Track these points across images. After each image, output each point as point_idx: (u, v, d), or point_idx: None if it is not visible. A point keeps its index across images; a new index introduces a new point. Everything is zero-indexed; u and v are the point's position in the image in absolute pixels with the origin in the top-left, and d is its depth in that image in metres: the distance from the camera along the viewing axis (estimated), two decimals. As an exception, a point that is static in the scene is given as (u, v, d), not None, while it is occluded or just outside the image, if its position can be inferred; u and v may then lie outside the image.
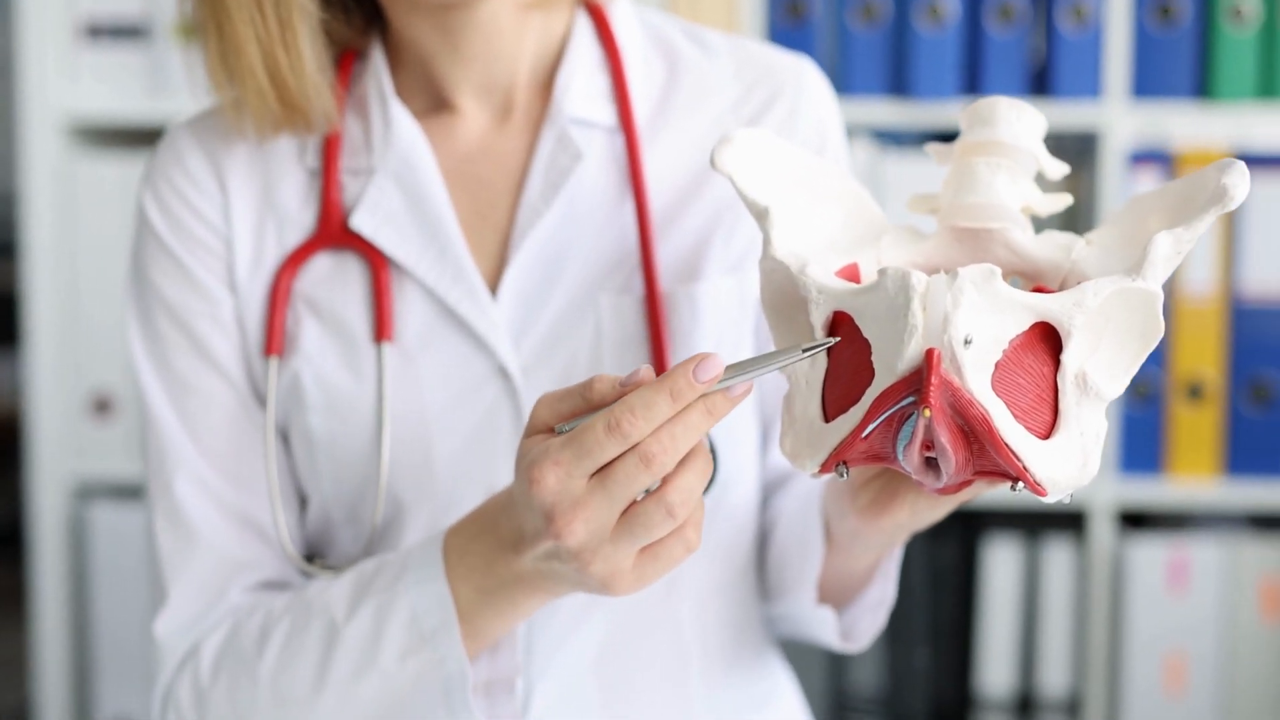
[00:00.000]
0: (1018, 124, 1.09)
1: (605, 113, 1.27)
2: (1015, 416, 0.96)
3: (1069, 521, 2.29)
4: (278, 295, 1.24)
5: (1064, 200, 1.12)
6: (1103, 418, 1.00)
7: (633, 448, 0.97)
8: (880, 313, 0.96)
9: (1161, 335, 1.00)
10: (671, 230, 1.26)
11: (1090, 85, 2.12)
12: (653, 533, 1.00)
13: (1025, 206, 1.09)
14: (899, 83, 2.16)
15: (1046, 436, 0.98)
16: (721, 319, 1.26)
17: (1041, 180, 1.13)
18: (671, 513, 0.99)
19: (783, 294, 1.05)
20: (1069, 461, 0.98)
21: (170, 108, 2.31)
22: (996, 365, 0.96)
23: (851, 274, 1.07)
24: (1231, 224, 2.11)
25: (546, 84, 1.27)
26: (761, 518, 1.34)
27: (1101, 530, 2.20)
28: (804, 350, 0.98)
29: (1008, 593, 2.23)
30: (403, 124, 1.25)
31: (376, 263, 1.24)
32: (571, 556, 1.01)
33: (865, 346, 0.98)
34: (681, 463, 0.99)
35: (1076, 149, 2.22)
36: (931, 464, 0.97)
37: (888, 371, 0.96)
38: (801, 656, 2.21)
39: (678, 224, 1.26)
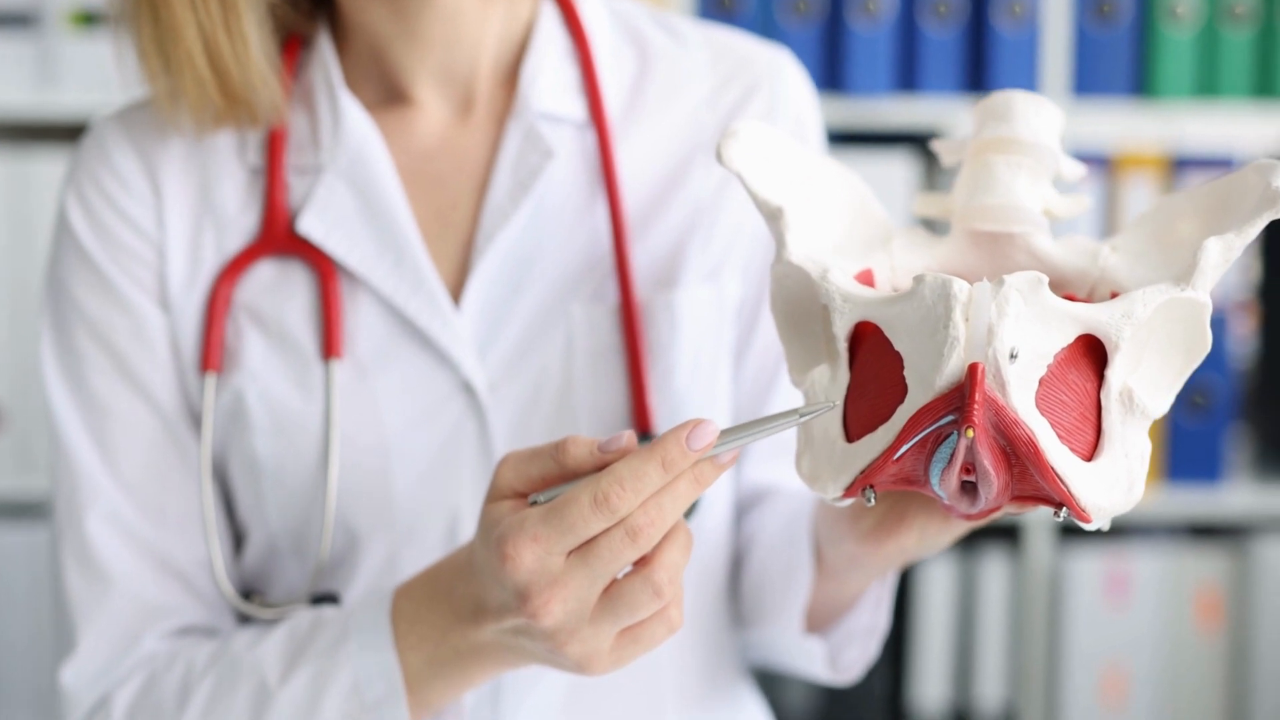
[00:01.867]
0: (1036, 120, 1.02)
1: (575, 106, 1.17)
2: (1060, 437, 0.88)
3: (1006, 534, 2.24)
4: (215, 306, 1.14)
5: (1084, 203, 1.04)
6: (1146, 438, 0.92)
7: (619, 521, 0.88)
8: (915, 323, 0.88)
9: (1209, 349, 0.93)
10: (646, 233, 1.17)
11: (1027, 84, 2.07)
12: (637, 613, 0.91)
13: (1046, 209, 1.01)
14: (832, 79, 2.10)
15: (1089, 458, 0.90)
16: (700, 329, 1.17)
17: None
18: (659, 592, 0.90)
19: (797, 301, 0.96)
20: (1114, 486, 0.90)
21: (62, 101, 2.19)
22: (1040, 381, 0.88)
23: (866, 279, 0.99)
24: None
25: (511, 75, 1.18)
26: (735, 538, 1.26)
27: (1039, 542, 2.15)
28: (801, 415, 0.89)
29: (944, 605, 2.18)
30: (354, 117, 1.15)
31: (326, 270, 1.13)
32: (546, 637, 0.92)
33: (895, 360, 0.90)
34: (665, 536, 0.90)
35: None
36: (967, 488, 0.89)
37: (924, 387, 0.87)
38: (731, 675, 2.13)
39: (653, 226, 1.18)
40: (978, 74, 2.10)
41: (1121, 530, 2.19)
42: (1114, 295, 0.96)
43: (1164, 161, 2.08)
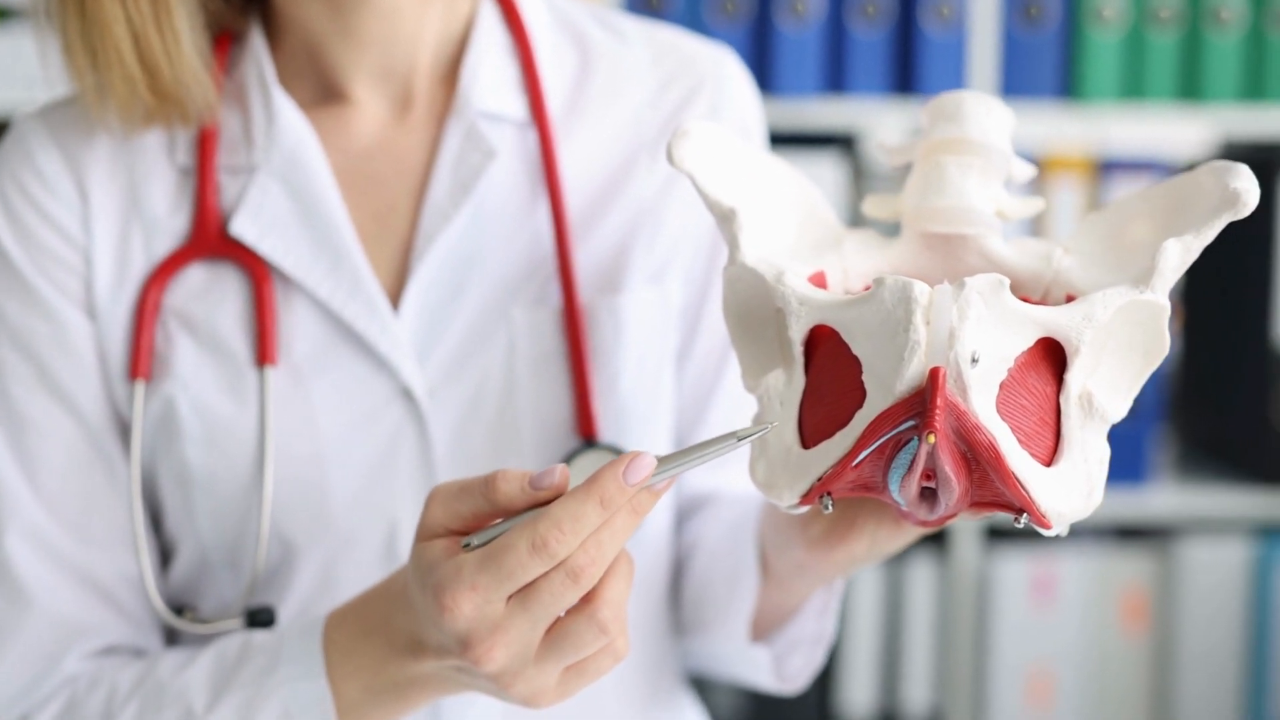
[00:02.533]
0: (987, 120, 1.00)
1: (515, 105, 1.15)
2: (1020, 442, 0.87)
3: (932, 537, 2.23)
4: (144, 311, 1.10)
5: (1037, 204, 1.03)
6: (1105, 442, 0.91)
7: (558, 564, 0.85)
8: (874, 327, 0.86)
9: (1167, 352, 0.92)
10: (589, 235, 1.15)
11: (955, 85, 2.06)
12: (582, 651, 0.89)
13: (998, 211, 1.00)
14: (760, 80, 2.09)
15: (1049, 463, 0.89)
16: (645, 334, 1.15)
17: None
18: (604, 630, 0.88)
19: (749, 305, 0.95)
20: (1074, 491, 0.89)
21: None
22: (1001, 385, 0.87)
23: (818, 282, 0.97)
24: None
25: (450, 73, 1.15)
26: (676, 545, 1.24)
27: (965, 546, 2.15)
28: (739, 438, 0.87)
29: (871, 609, 2.17)
30: (288, 116, 1.12)
31: (259, 274, 1.10)
32: (490, 679, 0.90)
33: (853, 364, 0.88)
34: (607, 570, 0.88)
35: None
36: (926, 495, 0.88)
37: (883, 392, 0.86)
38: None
39: (596, 228, 1.15)
40: (906, 76, 2.10)
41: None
42: (1069, 298, 0.95)
43: (1090, 164, 2.08)
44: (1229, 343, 2.21)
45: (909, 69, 2.09)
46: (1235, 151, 2.16)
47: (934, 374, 0.84)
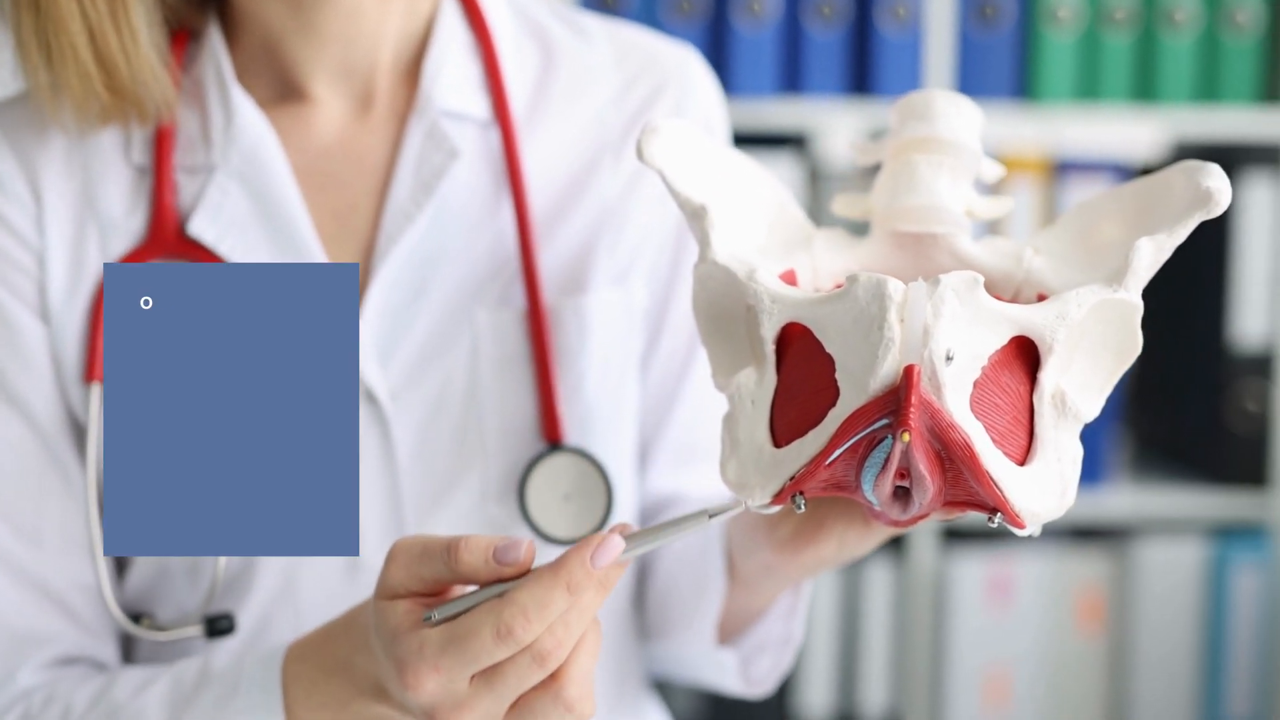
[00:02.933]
0: (957, 119, 1.00)
1: (478, 104, 1.14)
2: (994, 441, 0.86)
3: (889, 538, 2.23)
4: (99, 313, 1.08)
5: (1007, 204, 1.03)
6: (1078, 441, 0.91)
7: (524, 648, 0.84)
8: (848, 324, 0.86)
9: (1139, 351, 0.91)
10: (553, 236, 1.14)
11: (911, 86, 2.06)
12: None
13: (967, 210, 0.99)
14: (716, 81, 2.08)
15: (1022, 462, 0.88)
16: (609, 335, 1.14)
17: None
18: (570, 708, 0.87)
19: (720, 303, 0.93)
20: (1048, 491, 0.89)
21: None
22: (974, 384, 0.86)
23: (789, 280, 0.96)
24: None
25: (411, 72, 1.14)
26: (641, 549, 1.23)
27: (922, 547, 2.14)
28: (711, 515, 0.87)
29: (828, 610, 2.16)
30: (246, 114, 1.10)
31: None
32: None
33: (826, 362, 0.87)
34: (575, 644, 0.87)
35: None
36: (899, 494, 0.87)
37: (857, 390, 0.85)
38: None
39: (559, 229, 1.14)
40: (861, 76, 2.09)
41: (1004, 534, 2.19)
42: (1041, 297, 0.94)
43: (1045, 164, 2.08)
44: (1185, 343, 2.22)
45: (865, 69, 2.09)
46: (1189, 152, 2.16)
47: (908, 371, 0.83)
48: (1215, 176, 0.90)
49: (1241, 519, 2.16)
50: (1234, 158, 2.09)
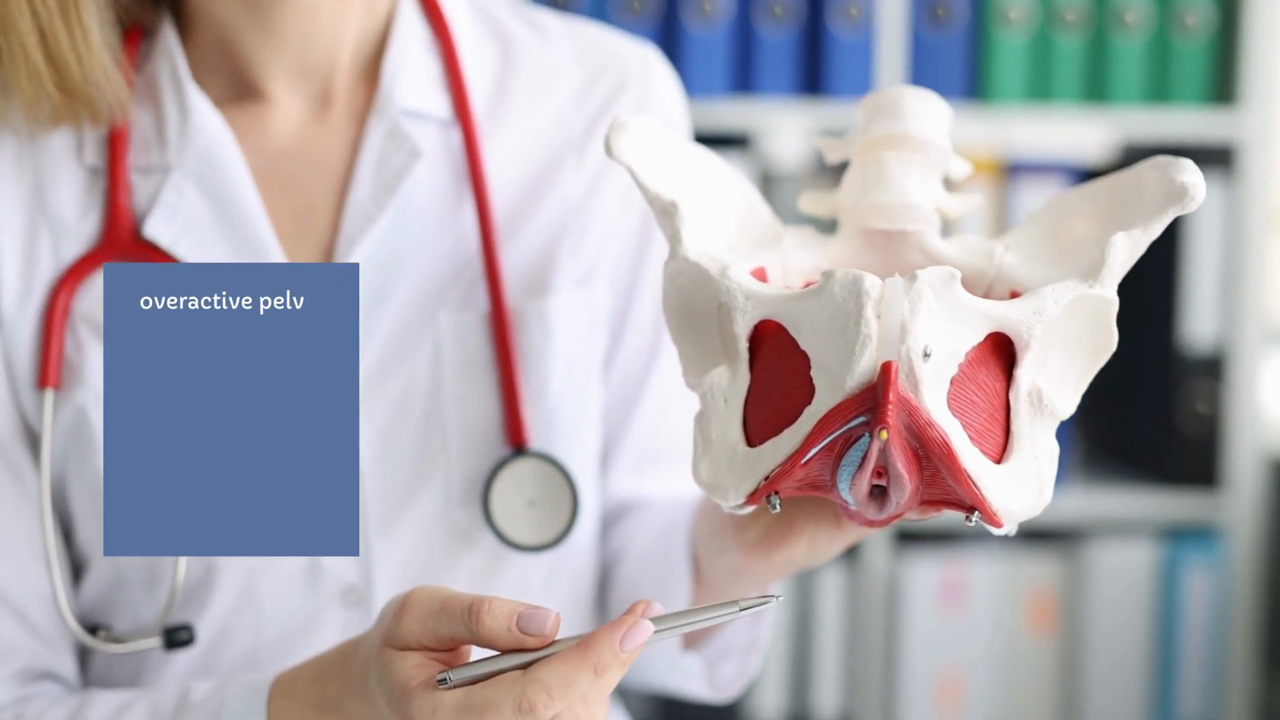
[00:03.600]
0: (926, 116, 0.99)
1: (439, 103, 1.12)
2: (971, 439, 0.85)
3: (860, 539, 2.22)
4: (53, 318, 1.06)
5: (974, 202, 1.02)
6: (1054, 439, 0.90)
7: None
8: (823, 321, 0.84)
9: (1115, 347, 0.91)
10: (516, 236, 1.12)
11: (863, 87, 2.05)
12: None
13: (936, 207, 0.99)
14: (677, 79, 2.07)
15: (998, 460, 0.87)
16: (574, 338, 1.13)
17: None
18: None
19: (690, 301, 0.92)
20: (1025, 489, 0.88)
21: None
22: (951, 381, 0.85)
23: (760, 278, 0.95)
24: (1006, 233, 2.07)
25: (370, 70, 1.12)
26: (601, 553, 1.21)
27: (875, 550, 2.14)
28: (741, 608, 0.85)
29: (781, 612, 2.16)
30: (203, 113, 1.08)
31: None
32: None
33: (801, 360, 0.86)
34: None
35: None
36: (875, 493, 0.86)
37: (833, 388, 0.84)
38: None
39: (522, 229, 1.13)
40: (813, 77, 2.09)
41: (957, 536, 2.19)
42: (1013, 294, 0.94)
43: (997, 165, 2.08)
44: (1135, 345, 2.21)
45: (816, 70, 2.08)
46: (1140, 153, 2.16)
47: (886, 368, 0.82)
48: (1189, 172, 0.90)
49: (1192, 520, 2.17)
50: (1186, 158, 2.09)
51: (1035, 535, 2.24)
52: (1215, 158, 2.09)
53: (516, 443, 1.10)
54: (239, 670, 1.08)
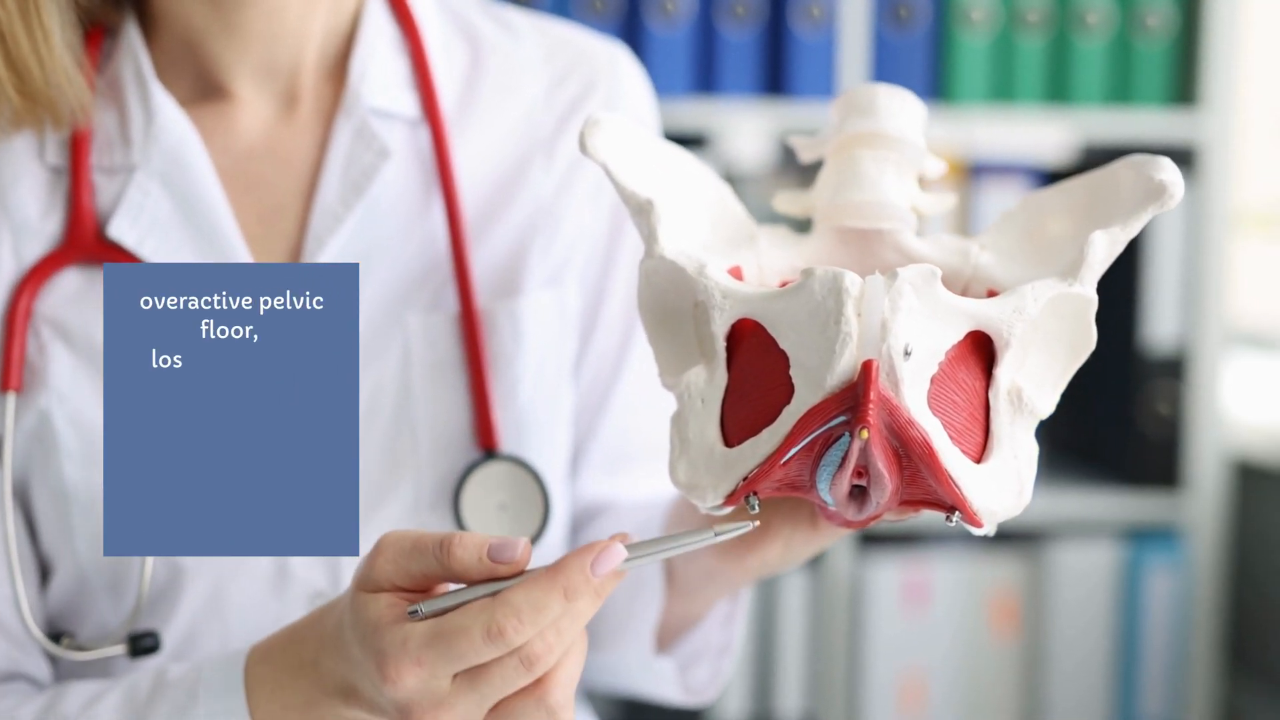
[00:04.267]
0: (901, 114, 0.99)
1: (407, 102, 1.11)
2: (951, 438, 0.85)
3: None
4: (14, 320, 1.04)
5: (949, 201, 1.01)
6: (1033, 439, 0.89)
7: (512, 650, 0.81)
8: (803, 319, 0.83)
9: (1094, 346, 0.90)
10: (485, 237, 1.11)
11: (825, 87, 2.05)
12: None
13: (912, 206, 0.98)
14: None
15: (979, 460, 0.87)
16: (544, 339, 1.12)
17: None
18: (553, 714, 0.84)
19: (666, 299, 0.91)
20: (1005, 489, 0.87)
21: None
22: (932, 380, 0.84)
23: (735, 277, 0.94)
24: (968, 233, 2.07)
25: (337, 69, 1.11)
26: (570, 554, 1.20)
27: (838, 552, 2.13)
28: (717, 534, 0.84)
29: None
30: (168, 113, 1.06)
31: None
32: None
33: (780, 359, 0.85)
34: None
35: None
36: (855, 493, 0.85)
37: (813, 387, 0.83)
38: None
39: (492, 230, 1.11)
40: (776, 77, 2.08)
41: (919, 538, 2.19)
42: (991, 293, 0.93)
43: (959, 166, 2.08)
44: (1097, 346, 2.21)
45: (778, 70, 2.08)
46: (1101, 154, 2.17)
47: (867, 367, 0.81)
48: (1168, 170, 0.90)
49: (1154, 521, 2.17)
50: (1145, 160, 2.10)
51: (998, 536, 2.24)
52: (1176, 159, 2.05)
53: (487, 445, 1.08)
54: None
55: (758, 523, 0.86)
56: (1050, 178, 2.09)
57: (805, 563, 2.12)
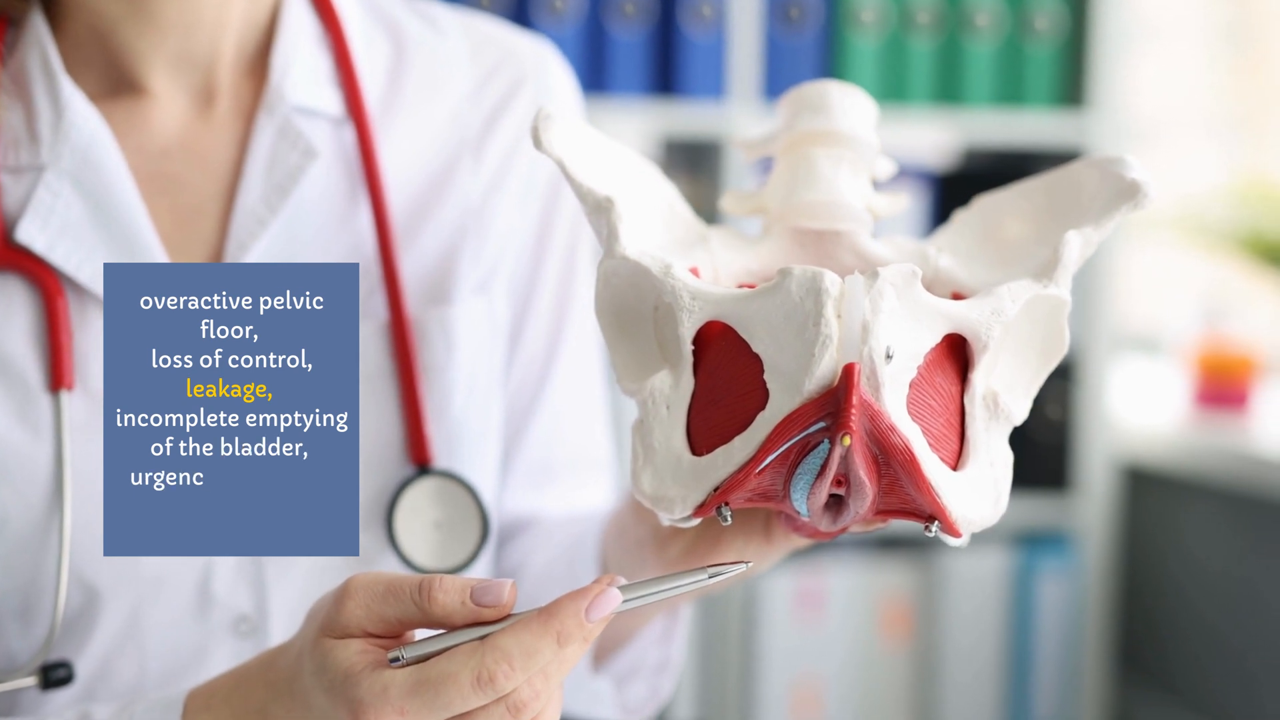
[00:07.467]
0: (854, 112, 0.96)
1: (331, 100, 1.06)
2: (930, 445, 0.81)
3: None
4: None
5: (903, 202, 0.98)
6: (1008, 445, 0.87)
7: (500, 697, 0.77)
8: (778, 321, 0.80)
9: (1066, 350, 0.88)
10: (413, 241, 1.06)
11: (715, 88, 2.03)
12: None
13: (867, 206, 0.95)
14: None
15: (955, 467, 0.84)
16: (476, 349, 1.07)
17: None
18: None
19: (625, 301, 0.87)
20: (983, 498, 0.84)
21: None
22: (910, 384, 0.81)
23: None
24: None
25: (256, 64, 1.05)
26: (495, 571, 1.15)
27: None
28: (711, 575, 0.81)
29: (636, 629, 2.12)
30: (78, 109, 1.00)
31: (50, 287, 0.98)
32: None
33: (753, 362, 0.81)
34: None
35: (702, 152, 2.13)
36: (831, 503, 0.81)
37: (790, 392, 0.79)
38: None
39: (420, 233, 1.07)
40: (666, 76, 2.06)
41: (821, 546, 2.17)
42: (956, 295, 0.90)
43: (848, 169, 2.07)
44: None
45: (668, 70, 2.05)
46: (989, 155, 2.17)
47: (848, 370, 0.78)
48: (1137, 169, 0.87)
49: (1045, 526, 2.18)
50: (1034, 161, 2.10)
51: (890, 543, 2.24)
52: (1065, 160, 2.09)
53: (420, 461, 1.03)
54: None
55: (751, 563, 0.83)
56: (938, 181, 2.09)
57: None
